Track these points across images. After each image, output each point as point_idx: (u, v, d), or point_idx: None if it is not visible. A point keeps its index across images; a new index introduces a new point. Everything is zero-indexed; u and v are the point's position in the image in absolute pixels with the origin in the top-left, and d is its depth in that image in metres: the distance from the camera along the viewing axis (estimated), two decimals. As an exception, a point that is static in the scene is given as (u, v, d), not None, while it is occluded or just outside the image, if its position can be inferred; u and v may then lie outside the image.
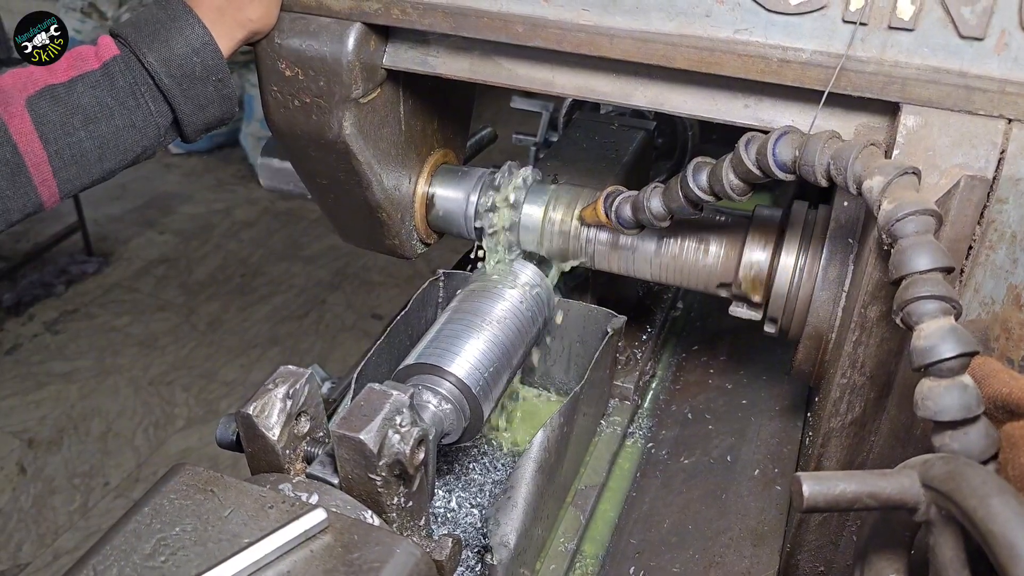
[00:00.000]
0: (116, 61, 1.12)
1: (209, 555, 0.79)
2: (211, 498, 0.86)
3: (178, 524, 0.83)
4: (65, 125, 1.09)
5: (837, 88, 0.95)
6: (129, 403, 3.85)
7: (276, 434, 0.94)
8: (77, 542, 3.19)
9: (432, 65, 1.23)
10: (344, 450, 0.90)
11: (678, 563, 1.26)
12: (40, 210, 1.13)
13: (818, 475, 0.71)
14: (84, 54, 1.12)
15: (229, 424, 1.04)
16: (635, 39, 1.04)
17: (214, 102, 1.19)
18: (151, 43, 1.12)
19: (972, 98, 0.90)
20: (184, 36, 1.13)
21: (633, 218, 1.22)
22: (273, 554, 0.79)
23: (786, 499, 1.34)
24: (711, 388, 1.63)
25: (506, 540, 1.12)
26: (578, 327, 1.48)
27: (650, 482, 1.45)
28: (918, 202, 0.82)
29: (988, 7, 0.87)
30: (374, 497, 0.92)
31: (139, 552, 0.80)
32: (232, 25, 1.16)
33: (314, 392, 0.99)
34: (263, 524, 0.83)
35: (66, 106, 1.09)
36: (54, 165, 1.10)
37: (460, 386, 1.19)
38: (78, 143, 1.11)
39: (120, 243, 5.02)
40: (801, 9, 0.95)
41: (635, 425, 1.57)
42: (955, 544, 0.69)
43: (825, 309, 1.16)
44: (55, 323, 4.34)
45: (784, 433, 1.46)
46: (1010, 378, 0.77)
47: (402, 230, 1.44)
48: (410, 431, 0.90)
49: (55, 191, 1.12)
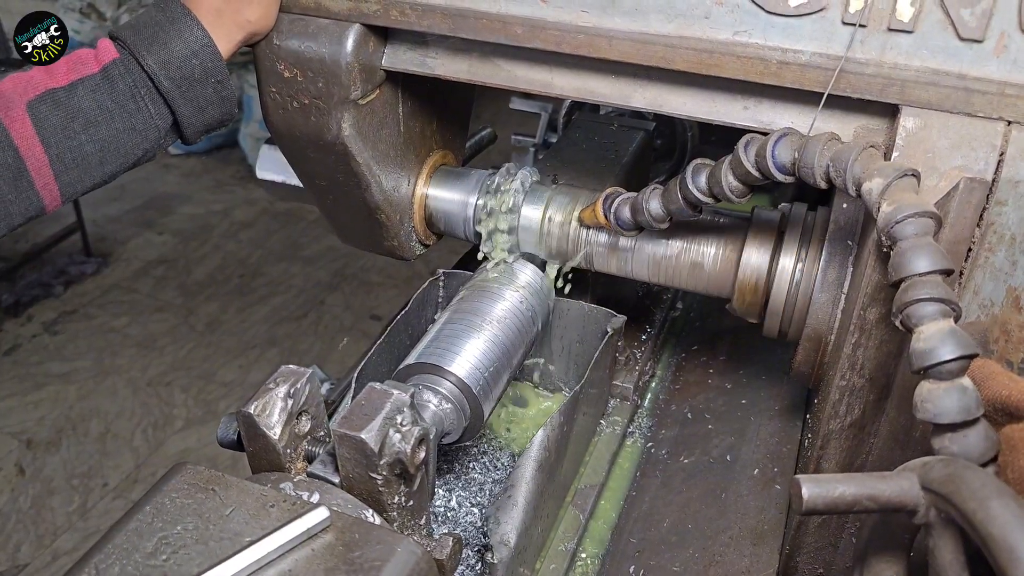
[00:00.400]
0: (115, 64, 1.12)
1: (211, 554, 0.79)
2: (212, 497, 0.86)
3: (180, 523, 0.83)
4: (66, 129, 1.09)
5: (836, 90, 0.95)
6: (128, 404, 3.85)
7: (277, 433, 0.94)
8: (76, 543, 3.18)
9: (431, 66, 1.23)
10: (345, 449, 0.90)
11: (678, 562, 1.27)
12: (42, 213, 1.14)
13: (817, 477, 0.71)
14: (84, 57, 1.12)
15: (230, 423, 1.05)
16: (634, 41, 1.04)
17: (213, 103, 1.19)
18: (150, 46, 1.12)
19: (971, 100, 0.90)
20: (183, 38, 1.13)
21: (632, 220, 1.22)
22: (275, 552, 0.79)
23: (786, 498, 1.34)
24: (711, 388, 1.63)
25: (506, 538, 1.12)
26: (578, 327, 1.48)
27: (650, 481, 1.45)
28: (917, 204, 0.82)
29: (987, 9, 0.87)
30: (375, 496, 0.92)
31: (141, 551, 0.80)
32: (231, 27, 1.16)
33: (315, 391, 0.99)
34: (264, 523, 0.83)
35: (67, 110, 1.09)
36: (55, 169, 1.10)
37: (460, 386, 1.19)
38: (79, 146, 1.11)
39: (119, 244, 5.02)
40: (800, 11, 0.95)
41: (635, 425, 1.58)
42: (954, 547, 0.69)
43: (824, 311, 1.16)
44: (54, 324, 4.34)
45: (783, 432, 1.46)
46: (1009, 380, 0.77)
47: (401, 231, 1.43)
48: (411, 430, 0.90)
49: (57, 195, 1.13)
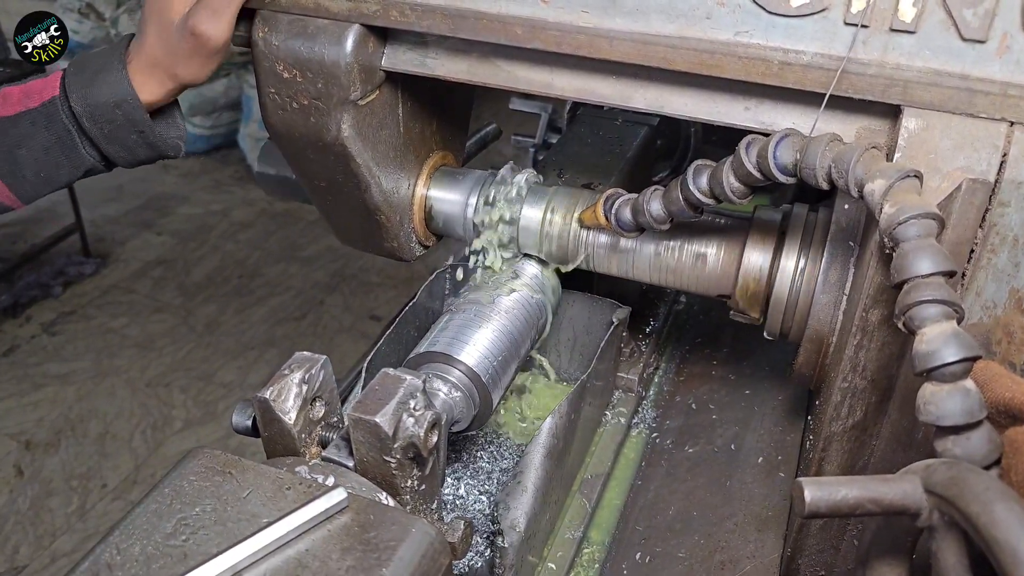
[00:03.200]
0: (54, 101, 1.19)
1: (229, 534, 0.81)
2: (230, 480, 0.87)
3: (198, 504, 0.85)
4: (11, 155, 1.20)
5: (838, 91, 0.95)
6: (127, 405, 3.85)
7: (292, 418, 0.96)
8: (75, 544, 3.18)
9: (431, 67, 1.22)
10: (360, 433, 0.92)
11: (683, 548, 1.28)
12: (8, 210, 1.26)
13: (820, 480, 0.70)
14: (34, 89, 1.20)
15: (244, 409, 1.06)
16: (635, 41, 1.03)
17: (141, 147, 1.25)
18: (82, 89, 1.19)
19: (974, 101, 0.90)
20: (110, 87, 1.19)
21: (633, 221, 1.22)
22: (292, 533, 0.80)
23: (789, 485, 1.35)
24: (714, 379, 1.65)
25: (516, 523, 1.15)
26: (583, 318, 1.51)
27: (655, 471, 1.47)
28: (920, 206, 0.82)
29: (990, 9, 0.87)
30: (389, 479, 0.94)
31: (160, 531, 0.82)
32: (163, 78, 1.21)
33: (328, 378, 1.02)
34: (281, 505, 0.84)
35: (12, 138, 1.19)
36: (8, 183, 1.21)
37: (470, 374, 1.21)
38: (24, 169, 1.21)
39: (117, 244, 5.02)
40: (802, 11, 0.95)
41: (639, 416, 1.60)
42: (958, 550, 0.68)
43: (826, 312, 1.16)
44: (52, 324, 4.34)
45: (787, 422, 1.48)
46: (1012, 382, 0.77)
47: (401, 232, 1.43)
48: (424, 414, 0.92)
49: (16, 200, 1.24)
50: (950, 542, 0.68)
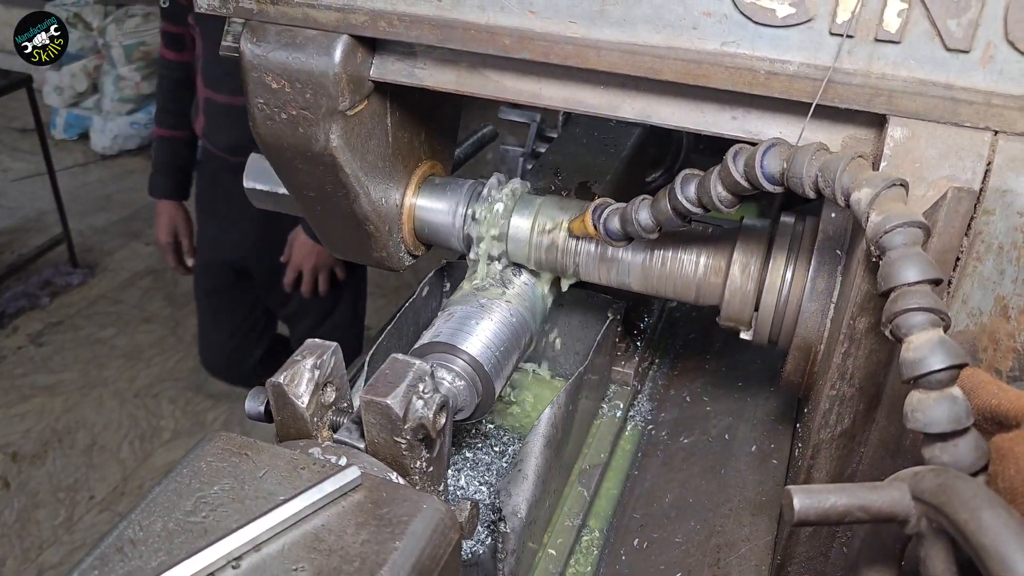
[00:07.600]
0: None
1: (247, 511, 0.84)
2: (246, 460, 0.91)
3: (216, 484, 0.88)
4: None
5: (824, 100, 0.95)
6: (115, 416, 3.82)
7: (305, 402, 1.00)
8: (62, 556, 3.16)
9: (419, 77, 1.23)
10: (371, 415, 0.96)
11: (680, 534, 1.32)
12: None
13: (808, 488, 0.71)
14: None
15: (257, 396, 1.09)
16: (622, 51, 1.04)
17: None
18: None
19: (958, 110, 0.91)
20: None
21: (621, 230, 1.22)
22: (308, 509, 0.83)
23: (782, 471, 1.39)
24: (708, 372, 1.69)
25: (518, 509, 1.19)
26: (579, 312, 1.55)
27: (651, 461, 1.51)
28: (906, 214, 0.82)
29: (974, 20, 0.88)
30: (399, 460, 0.97)
31: (181, 509, 0.85)
32: None
33: (339, 364, 1.05)
34: (296, 483, 0.87)
35: None
36: None
37: (473, 363, 1.23)
38: None
39: (105, 254, 5.00)
40: (788, 22, 0.95)
41: (635, 409, 1.65)
42: (946, 556, 0.69)
43: (814, 320, 1.17)
44: (40, 335, 4.31)
45: (779, 412, 1.52)
46: (999, 389, 0.77)
47: (390, 242, 1.43)
48: (433, 397, 0.96)
49: None
50: (938, 549, 0.69)
